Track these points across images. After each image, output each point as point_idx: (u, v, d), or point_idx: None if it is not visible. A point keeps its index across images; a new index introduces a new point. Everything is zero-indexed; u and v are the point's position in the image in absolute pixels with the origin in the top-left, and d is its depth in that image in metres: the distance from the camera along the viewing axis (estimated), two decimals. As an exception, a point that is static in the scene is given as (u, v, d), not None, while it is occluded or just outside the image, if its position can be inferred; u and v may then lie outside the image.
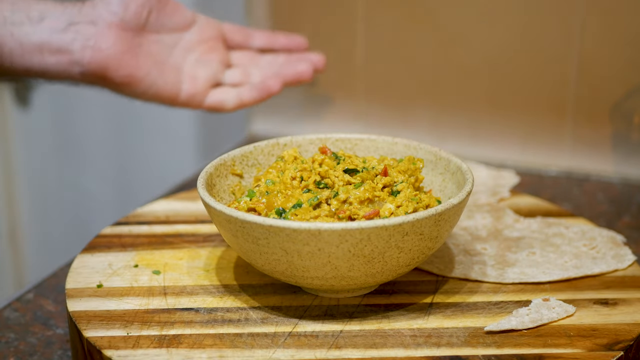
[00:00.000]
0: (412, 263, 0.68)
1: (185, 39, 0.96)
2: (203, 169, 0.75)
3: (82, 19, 0.90)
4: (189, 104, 0.96)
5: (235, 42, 1.01)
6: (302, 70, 0.99)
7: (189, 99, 0.96)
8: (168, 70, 0.94)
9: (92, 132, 1.54)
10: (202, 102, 0.96)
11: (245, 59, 1.01)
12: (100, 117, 1.53)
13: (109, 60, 0.90)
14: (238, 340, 0.66)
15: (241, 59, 1.01)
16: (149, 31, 0.93)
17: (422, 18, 1.10)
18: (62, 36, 0.88)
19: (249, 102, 0.97)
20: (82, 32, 0.89)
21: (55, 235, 1.63)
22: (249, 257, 0.69)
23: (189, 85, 0.95)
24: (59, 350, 0.74)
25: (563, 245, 0.79)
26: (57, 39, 0.88)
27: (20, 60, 0.89)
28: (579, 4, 1.04)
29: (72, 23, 0.89)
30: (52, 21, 0.89)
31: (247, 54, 1.01)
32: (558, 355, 0.64)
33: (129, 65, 0.91)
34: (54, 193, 1.61)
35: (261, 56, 1.02)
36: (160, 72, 0.93)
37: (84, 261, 0.77)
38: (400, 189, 0.71)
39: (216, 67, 0.97)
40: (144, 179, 1.52)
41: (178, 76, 0.95)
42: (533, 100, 1.09)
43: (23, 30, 0.88)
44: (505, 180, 0.94)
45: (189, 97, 0.95)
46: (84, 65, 0.89)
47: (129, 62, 0.91)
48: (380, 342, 0.66)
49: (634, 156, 1.06)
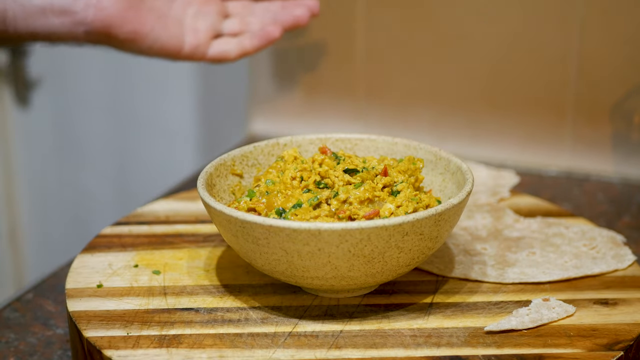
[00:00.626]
0: (412, 263, 0.68)
1: None
2: (203, 169, 0.75)
3: None
4: (193, 57, 0.97)
5: None
6: (299, 14, 1.00)
7: (193, 51, 0.97)
8: (170, 24, 0.95)
9: (92, 132, 1.54)
10: (205, 54, 0.97)
11: (242, 8, 1.02)
12: (100, 117, 1.53)
13: (113, 17, 0.91)
14: (238, 340, 0.66)
15: (237, 9, 1.02)
16: None
17: (422, 18, 1.10)
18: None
19: (251, 49, 0.98)
20: None
21: (55, 235, 1.63)
22: (249, 257, 0.69)
23: (192, 38, 0.96)
24: (59, 350, 0.74)
25: (563, 245, 0.79)
26: (59, 0, 0.89)
27: (24, 24, 0.90)
28: (579, 4, 1.04)
29: None
30: None
31: (242, 3, 1.03)
32: (558, 355, 0.64)
33: (133, 21, 0.92)
34: (54, 193, 1.61)
35: (256, 4, 1.03)
36: (163, 26, 0.94)
37: (84, 261, 0.77)
38: (400, 189, 0.71)
39: (215, 18, 0.98)
40: (144, 179, 1.52)
41: (180, 29, 0.96)
42: (533, 100, 1.09)
43: None
44: (505, 180, 0.94)
45: (193, 49, 0.96)
46: (88, 24, 0.90)
47: (133, 18, 0.92)
48: (380, 342, 0.66)
49: (634, 156, 1.06)
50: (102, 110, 1.52)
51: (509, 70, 1.09)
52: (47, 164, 1.60)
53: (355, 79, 1.16)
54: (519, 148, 1.11)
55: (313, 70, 1.17)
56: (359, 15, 1.13)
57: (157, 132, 1.50)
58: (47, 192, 1.62)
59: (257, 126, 1.22)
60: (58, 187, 1.61)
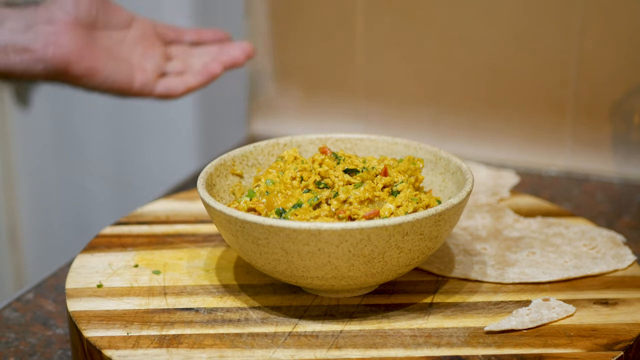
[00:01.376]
0: (412, 263, 0.68)
1: (130, 35, 1.04)
2: (203, 169, 0.75)
3: (40, 20, 0.96)
4: (142, 93, 1.03)
5: (169, 38, 1.09)
6: (236, 55, 1.06)
7: (142, 88, 1.02)
8: (121, 62, 1.01)
9: (92, 132, 1.54)
10: (153, 91, 1.03)
11: (182, 52, 1.08)
12: (100, 117, 1.53)
13: (70, 54, 0.96)
14: (238, 340, 0.66)
15: (178, 52, 1.08)
16: (99, 28, 1.00)
17: (422, 18, 1.10)
18: (23, 36, 0.94)
19: (195, 85, 1.04)
20: (42, 31, 0.95)
21: (55, 236, 1.63)
22: (249, 257, 0.69)
23: (140, 75, 1.01)
24: (59, 350, 0.75)
25: (563, 245, 0.79)
26: (20, 39, 0.94)
27: None
28: (579, 4, 1.04)
29: (31, 24, 0.95)
30: (12, 23, 0.95)
31: (182, 47, 1.09)
32: (558, 355, 0.64)
33: (88, 58, 0.97)
34: (54, 193, 1.61)
35: (194, 49, 1.09)
36: (116, 64, 1.00)
37: (84, 261, 0.77)
38: (400, 189, 0.71)
39: (159, 59, 1.05)
40: (144, 179, 1.52)
41: (130, 67, 1.01)
42: (533, 100, 1.09)
43: None
44: (505, 180, 0.94)
45: (142, 86, 1.02)
46: (47, 62, 0.95)
47: (88, 56, 0.97)
48: (380, 342, 0.66)
49: (634, 156, 1.06)
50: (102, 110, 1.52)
51: (509, 70, 1.09)
52: (47, 164, 1.60)
53: (355, 79, 1.16)
54: (519, 148, 1.11)
55: (313, 71, 1.17)
56: (359, 15, 1.13)
57: (157, 132, 1.50)
58: (47, 192, 1.62)
59: (257, 126, 1.22)
60: (58, 187, 1.61)
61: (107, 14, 1.01)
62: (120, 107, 1.50)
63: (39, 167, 1.60)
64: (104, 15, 1.01)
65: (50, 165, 1.60)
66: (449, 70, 1.11)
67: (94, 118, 1.53)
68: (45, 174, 1.60)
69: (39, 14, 0.96)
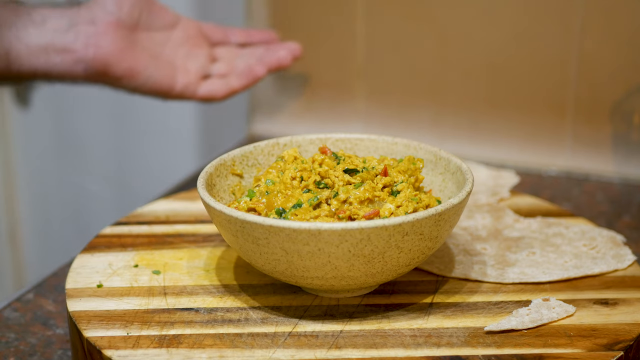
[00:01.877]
0: (412, 263, 0.68)
1: (174, 36, 1.03)
2: (203, 169, 0.75)
3: (82, 20, 0.95)
4: (183, 95, 1.02)
5: (216, 39, 1.08)
6: (282, 56, 1.05)
7: (183, 90, 1.01)
8: (163, 63, 1.00)
9: (92, 132, 1.54)
10: (195, 93, 1.02)
11: (228, 53, 1.07)
12: (100, 117, 1.53)
13: (110, 56, 0.96)
14: (238, 340, 0.66)
15: (224, 53, 1.07)
16: (141, 29, 0.99)
17: (422, 18, 1.10)
18: (65, 36, 0.94)
19: (237, 88, 1.03)
20: (83, 32, 0.95)
21: (55, 236, 1.63)
22: (249, 257, 0.69)
23: (183, 77, 1.01)
24: (59, 350, 0.74)
25: (563, 245, 0.79)
26: (60, 39, 0.94)
27: (27, 63, 0.94)
28: (579, 4, 1.04)
29: (73, 24, 0.95)
30: (54, 23, 0.94)
31: (228, 48, 1.08)
32: (558, 355, 0.64)
33: (129, 60, 0.97)
34: (54, 193, 1.61)
35: (241, 50, 1.08)
36: (157, 66, 0.99)
37: (84, 261, 0.77)
38: (400, 189, 0.71)
39: (204, 61, 1.04)
40: (144, 179, 1.52)
41: (172, 69, 1.01)
42: (533, 100, 1.09)
43: (28, 34, 0.93)
44: (505, 180, 0.94)
45: (183, 88, 1.01)
46: (87, 62, 0.95)
47: (129, 57, 0.97)
48: (380, 342, 0.66)
49: (634, 156, 1.06)
50: (102, 110, 1.52)
51: (509, 70, 1.09)
52: (47, 164, 1.60)
53: (355, 79, 1.16)
54: (519, 148, 1.11)
55: (313, 71, 1.17)
56: (359, 16, 1.13)
57: (157, 132, 1.50)
58: (47, 192, 1.62)
59: (257, 126, 1.22)
60: (58, 187, 1.61)
61: (151, 14, 1.00)
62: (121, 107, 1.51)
63: (39, 167, 1.60)
64: (148, 16, 1.00)
65: (51, 165, 1.60)
66: (448, 70, 1.11)
67: (94, 118, 1.53)
68: (45, 174, 1.60)
69: (80, 14, 0.96)
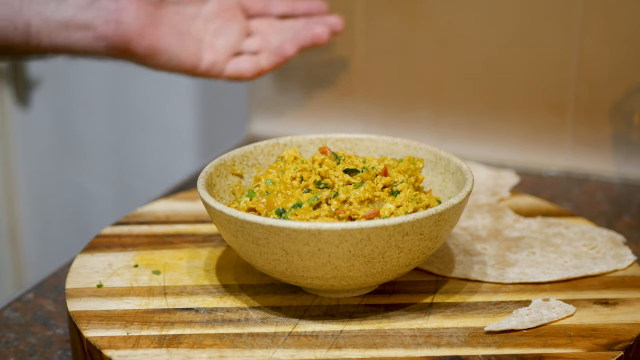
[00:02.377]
0: (412, 263, 0.68)
1: (205, 9, 0.98)
2: (203, 169, 0.75)
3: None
4: (209, 74, 0.98)
5: (255, 10, 1.03)
6: (318, 32, 1.00)
7: (209, 69, 0.97)
8: (189, 40, 0.96)
9: (92, 132, 1.54)
10: (222, 72, 0.98)
11: (265, 26, 1.02)
12: (100, 117, 1.53)
13: (131, 33, 0.93)
14: (238, 340, 0.66)
15: (261, 26, 1.02)
16: (170, 2, 0.96)
17: (422, 18, 1.10)
18: (85, 12, 0.92)
19: (267, 68, 0.99)
20: (104, 8, 0.92)
21: (55, 236, 1.63)
22: (249, 257, 0.69)
23: (209, 55, 0.97)
24: (59, 350, 0.74)
25: (563, 245, 0.79)
26: (81, 15, 0.91)
27: (47, 38, 0.92)
28: (579, 4, 1.04)
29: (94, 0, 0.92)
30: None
31: (266, 20, 1.03)
32: (558, 355, 0.64)
33: (151, 37, 0.94)
34: (54, 193, 1.61)
35: (281, 22, 1.03)
36: (182, 43, 0.96)
37: (84, 261, 0.77)
38: (400, 189, 0.71)
39: (236, 36, 0.99)
40: (144, 179, 1.52)
41: (199, 46, 0.97)
42: (533, 100, 1.09)
43: (49, 9, 0.91)
44: (505, 180, 0.94)
45: (209, 67, 0.97)
46: (108, 39, 0.92)
47: (151, 34, 0.94)
48: (380, 342, 0.66)
49: (634, 156, 1.06)
50: (102, 110, 1.52)
51: (509, 70, 1.09)
52: (47, 164, 1.60)
53: (355, 79, 1.16)
54: (519, 148, 1.11)
55: (313, 71, 1.17)
56: (359, 16, 1.13)
57: (157, 132, 1.50)
58: (47, 192, 1.62)
59: (257, 126, 1.22)
60: (58, 187, 1.61)
61: None
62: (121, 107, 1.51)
63: (39, 167, 1.61)
64: None
65: (50, 165, 1.60)
66: (448, 71, 1.11)
67: (94, 118, 1.53)
68: (45, 174, 1.61)
69: None
